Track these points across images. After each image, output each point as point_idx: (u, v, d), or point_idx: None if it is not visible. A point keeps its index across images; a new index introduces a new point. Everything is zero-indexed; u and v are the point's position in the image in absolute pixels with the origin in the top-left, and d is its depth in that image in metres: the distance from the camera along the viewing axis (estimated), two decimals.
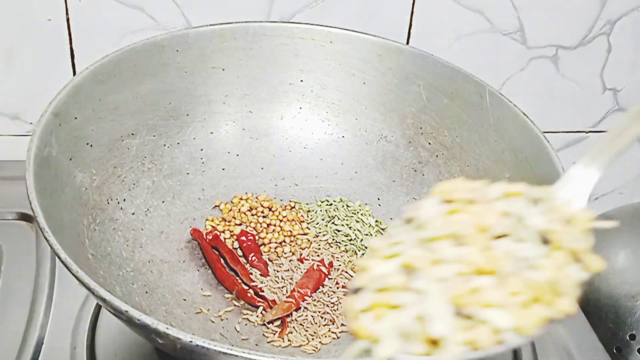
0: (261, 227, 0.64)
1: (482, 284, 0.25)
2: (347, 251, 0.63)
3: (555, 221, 0.27)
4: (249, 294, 0.57)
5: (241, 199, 0.66)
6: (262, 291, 0.58)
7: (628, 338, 0.69)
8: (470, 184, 0.28)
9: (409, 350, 0.24)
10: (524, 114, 0.59)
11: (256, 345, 0.54)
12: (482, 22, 0.76)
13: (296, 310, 0.57)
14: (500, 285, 0.25)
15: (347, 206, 0.66)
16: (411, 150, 0.67)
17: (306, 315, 0.56)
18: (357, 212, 0.66)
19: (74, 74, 0.74)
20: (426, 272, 0.25)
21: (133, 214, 0.59)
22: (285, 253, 0.62)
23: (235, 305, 0.57)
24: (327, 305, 0.57)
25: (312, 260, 0.61)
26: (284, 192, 0.67)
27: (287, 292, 0.58)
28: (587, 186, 0.29)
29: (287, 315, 0.56)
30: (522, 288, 0.25)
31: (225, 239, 0.62)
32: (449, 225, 0.26)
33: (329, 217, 0.65)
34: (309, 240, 0.63)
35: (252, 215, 0.64)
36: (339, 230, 0.64)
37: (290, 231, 0.63)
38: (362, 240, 0.63)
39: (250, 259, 0.61)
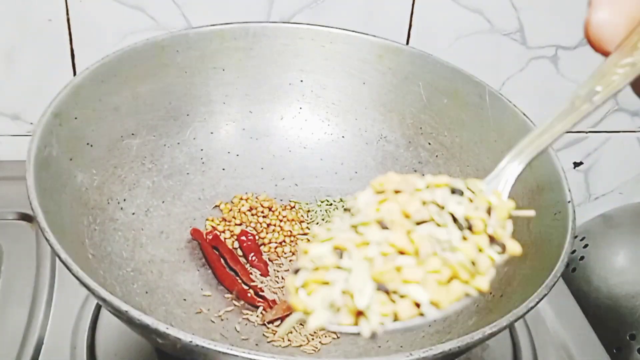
0: (261, 227, 0.64)
1: (404, 262, 0.28)
2: None
3: (476, 209, 0.30)
4: (249, 294, 0.58)
5: (241, 199, 0.66)
6: (262, 291, 0.58)
7: (628, 338, 0.69)
8: (400, 176, 0.31)
9: (337, 321, 0.28)
10: (524, 114, 0.59)
11: (256, 345, 0.54)
12: (481, 22, 0.76)
13: None
14: (420, 264, 0.28)
15: None
16: (411, 151, 0.67)
17: None
18: None
19: (75, 74, 0.74)
20: (354, 252, 0.28)
21: (133, 214, 0.59)
22: (285, 253, 0.62)
23: (235, 305, 0.57)
24: None
25: None
26: (284, 192, 0.67)
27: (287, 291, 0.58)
28: (510, 178, 0.32)
29: (287, 315, 0.56)
30: (440, 267, 0.28)
31: (225, 239, 0.62)
32: (378, 212, 0.29)
33: (329, 217, 0.65)
34: (309, 240, 0.63)
35: (252, 215, 0.64)
36: None
37: (290, 231, 0.63)
38: None
39: (250, 259, 0.61)
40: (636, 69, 0.31)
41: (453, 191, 0.31)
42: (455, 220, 0.29)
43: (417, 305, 0.28)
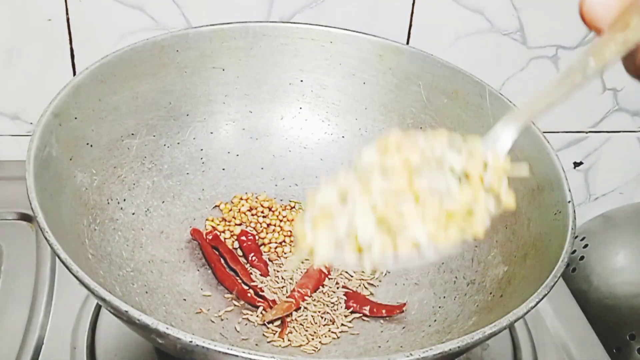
0: (261, 227, 0.64)
1: (405, 207, 0.30)
2: None
3: (474, 164, 0.32)
4: (249, 294, 0.57)
5: (241, 199, 0.66)
6: (262, 291, 0.58)
7: (628, 338, 0.69)
8: (403, 133, 0.34)
9: (342, 258, 0.30)
10: None
11: (256, 345, 0.54)
12: (482, 22, 0.76)
13: (296, 310, 0.57)
14: (420, 209, 0.30)
15: None
16: None
17: (306, 315, 0.56)
18: None
19: (74, 74, 0.74)
20: (358, 196, 0.31)
21: (133, 214, 0.59)
22: (285, 253, 0.62)
23: (235, 305, 0.57)
24: (327, 305, 0.57)
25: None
26: (284, 192, 0.67)
27: (287, 292, 0.58)
28: (507, 139, 0.35)
29: (287, 315, 0.56)
30: (439, 213, 0.30)
31: (225, 239, 0.62)
32: (381, 162, 0.32)
33: None
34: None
35: (252, 215, 0.64)
36: None
37: (290, 231, 0.63)
38: None
39: (250, 259, 0.61)
40: (627, 45, 0.33)
41: (453, 148, 0.33)
42: (453, 173, 0.32)
43: (416, 247, 0.30)
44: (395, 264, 0.30)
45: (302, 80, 0.67)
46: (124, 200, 0.59)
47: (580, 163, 0.90)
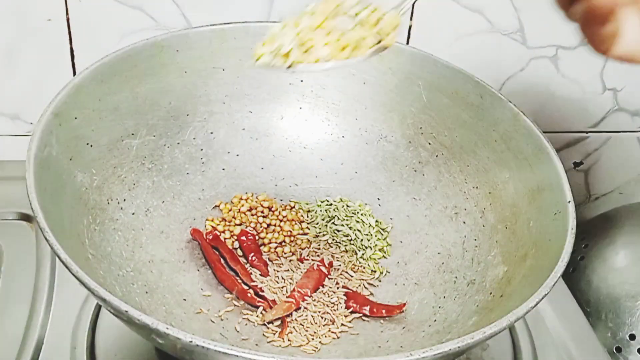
0: (261, 227, 0.64)
1: (318, 34, 0.46)
2: (347, 251, 0.63)
3: (371, 15, 0.47)
4: (249, 294, 0.57)
5: (241, 199, 0.66)
6: (262, 291, 0.58)
7: (628, 338, 0.69)
8: None
9: (274, 61, 0.46)
10: (524, 114, 0.59)
11: (256, 345, 0.54)
12: (482, 22, 0.76)
13: (296, 310, 0.57)
14: (327, 38, 0.46)
15: (347, 206, 0.66)
16: (411, 150, 0.67)
17: (306, 315, 0.56)
18: (357, 212, 0.66)
19: (74, 74, 0.74)
20: (291, 25, 0.47)
21: (133, 214, 0.59)
22: (285, 253, 0.62)
23: (235, 305, 0.57)
24: (327, 305, 0.57)
25: (312, 260, 0.61)
26: (284, 192, 0.67)
27: (287, 292, 0.58)
28: (407, 5, 0.48)
29: (287, 315, 0.56)
30: (341, 39, 0.46)
31: (225, 239, 0.62)
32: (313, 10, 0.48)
33: (329, 217, 0.65)
34: (308, 240, 0.63)
35: (252, 215, 0.64)
36: (339, 230, 0.64)
37: (290, 231, 0.63)
38: (362, 240, 0.63)
39: (250, 259, 0.61)
40: None
41: (364, 4, 0.48)
42: (358, 21, 0.47)
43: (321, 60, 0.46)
44: (307, 68, 0.46)
45: (302, 81, 0.68)
46: (124, 200, 0.59)
47: (581, 163, 0.90)
